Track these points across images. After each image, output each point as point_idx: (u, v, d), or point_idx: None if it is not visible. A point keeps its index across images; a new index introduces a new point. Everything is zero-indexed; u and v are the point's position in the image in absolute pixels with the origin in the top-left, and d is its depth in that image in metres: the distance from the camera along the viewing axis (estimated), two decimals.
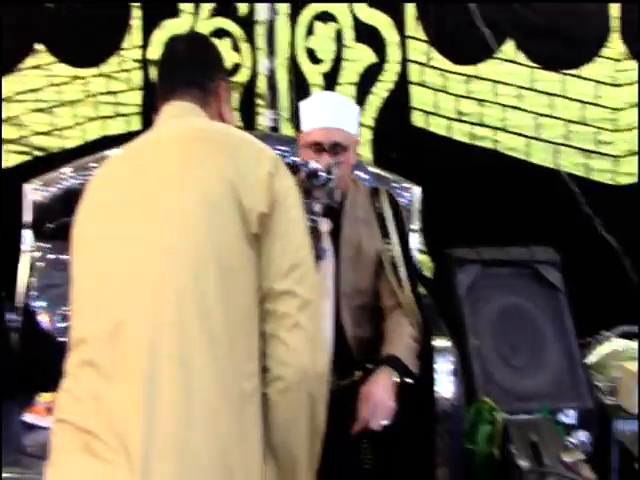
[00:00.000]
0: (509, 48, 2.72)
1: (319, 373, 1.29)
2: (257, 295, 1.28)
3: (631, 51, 2.73)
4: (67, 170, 2.50)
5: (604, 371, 2.64)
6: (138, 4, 2.69)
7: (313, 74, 2.73)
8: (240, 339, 1.24)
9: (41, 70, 2.71)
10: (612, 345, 2.67)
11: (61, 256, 2.41)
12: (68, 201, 2.49)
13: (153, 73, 2.69)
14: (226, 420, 1.19)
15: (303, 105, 2.10)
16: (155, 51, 2.69)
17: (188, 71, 1.47)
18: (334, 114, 2.04)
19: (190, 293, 1.21)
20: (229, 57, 2.70)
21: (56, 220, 2.45)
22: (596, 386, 2.48)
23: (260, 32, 2.70)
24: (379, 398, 1.85)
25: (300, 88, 2.70)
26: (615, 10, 2.70)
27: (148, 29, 2.69)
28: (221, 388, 1.20)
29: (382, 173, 2.55)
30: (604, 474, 2.20)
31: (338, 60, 2.72)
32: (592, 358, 2.66)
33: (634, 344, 2.67)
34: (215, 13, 2.69)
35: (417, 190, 2.52)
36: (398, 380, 1.89)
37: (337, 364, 2.02)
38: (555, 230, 2.75)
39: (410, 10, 2.70)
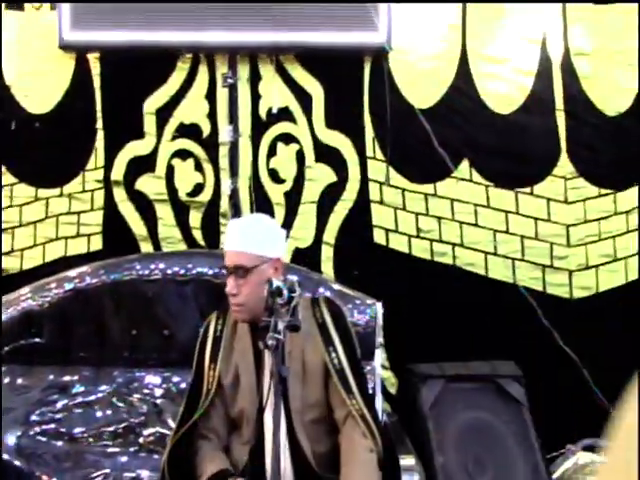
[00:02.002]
0: (464, 167, 2.87)
1: None
2: None
3: (578, 170, 2.90)
4: (25, 291, 2.50)
5: None
6: (102, 126, 2.78)
7: (275, 193, 2.83)
8: None
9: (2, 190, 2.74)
10: (577, 459, 2.69)
11: (17, 380, 2.38)
12: (26, 323, 2.49)
13: (115, 193, 2.78)
14: None
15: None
16: (118, 171, 2.77)
17: None
18: (239, 237, 2.06)
19: None
20: (192, 177, 2.80)
21: (12, 343, 2.42)
22: None
23: (223, 153, 2.80)
24: None
25: (263, 207, 2.78)
26: (563, 130, 2.89)
27: (112, 150, 2.76)
28: None
29: (344, 290, 2.60)
30: None
31: (299, 179, 2.83)
32: (558, 473, 2.67)
33: (598, 457, 2.69)
34: (178, 135, 2.79)
35: (379, 306, 2.56)
36: None
37: None
38: (515, 343, 2.80)
39: (368, 131, 2.84)
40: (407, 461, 2.09)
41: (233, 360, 2.11)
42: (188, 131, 2.80)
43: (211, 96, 2.80)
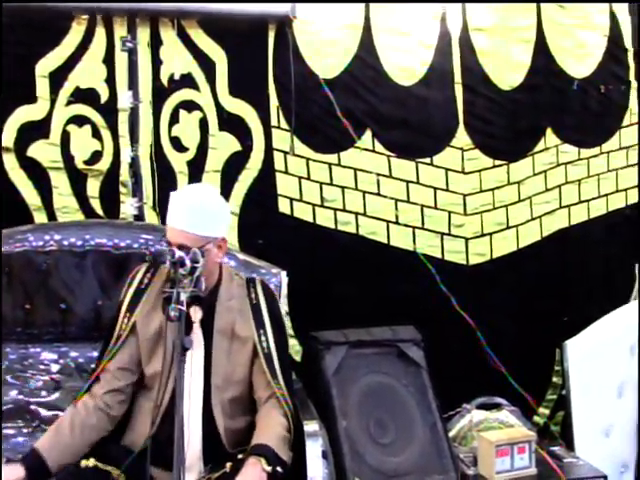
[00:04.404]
0: (367, 138, 2.76)
1: None
2: None
3: (474, 141, 2.85)
4: None
5: (465, 442, 2.64)
6: None
7: (178, 162, 2.61)
8: None
9: None
10: (471, 417, 2.68)
11: None
12: None
13: (5, 160, 2.49)
14: None
15: (171, 196, 1.98)
16: (8, 137, 2.48)
17: None
18: (186, 216, 1.90)
19: None
20: (89, 144, 2.54)
21: None
22: (459, 457, 2.47)
23: (122, 119, 2.55)
24: None
25: (165, 175, 2.58)
26: (461, 103, 2.82)
27: (1, 115, 2.46)
28: None
29: (249, 259, 2.45)
30: None
31: (203, 148, 2.63)
32: (454, 431, 2.66)
33: (491, 414, 2.70)
34: (74, 100, 2.52)
35: (283, 275, 2.44)
36: (269, 469, 1.77)
37: (208, 456, 1.92)
38: (416, 308, 2.76)
39: (273, 100, 2.67)
40: (311, 427, 2.01)
41: (157, 318, 1.97)
42: (84, 96, 2.52)
43: (109, 60, 2.53)
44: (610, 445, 2.67)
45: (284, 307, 2.45)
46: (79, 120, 2.53)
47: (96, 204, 2.56)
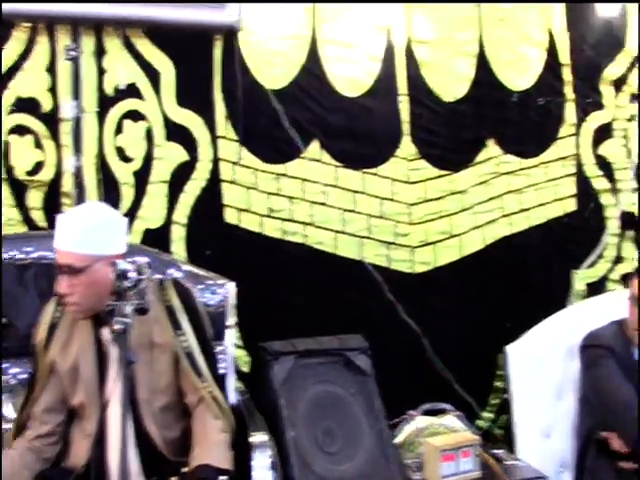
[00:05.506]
0: (314, 148, 2.77)
1: None
2: None
3: (419, 152, 2.89)
4: None
5: (412, 448, 2.67)
6: None
7: (123, 172, 2.57)
8: None
9: None
10: (417, 423, 2.71)
11: None
12: None
13: None
14: None
15: (57, 219, 1.93)
16: None
17: None
18: (68, 235, 1.86)
19: None
20: (31, 155, 2.47)
21: None
22: (405, 463, 2.49)
23: (65, 129, 2.49)
24: None
25: (110, 186, 2.54)
26: (406, 114, 2.86)
27: None
28: None
29: (196, 271, 2.43)
30: None
31: (149, 158, 2.59)
32: (400, 437, 2.69)
33: (436, 420, 2.74)
34: (15, 109, 2.45)
35: (231, 286, 2.43)
36: None
37: (150, 470, 1.89)
38: (363, 317, 2.78)
39: (220, 110, 2.66)
40: (259, 438, 2.03)
41: (72, 350, 1.92)
42: (26, 105, 2.46)
43: (52, 69, 2.48)
44: (550, 446, 2.74)
45: (232, 318, 2.44)
46: (20, 130, 2.46)
47: (38, 216, 2.49)
